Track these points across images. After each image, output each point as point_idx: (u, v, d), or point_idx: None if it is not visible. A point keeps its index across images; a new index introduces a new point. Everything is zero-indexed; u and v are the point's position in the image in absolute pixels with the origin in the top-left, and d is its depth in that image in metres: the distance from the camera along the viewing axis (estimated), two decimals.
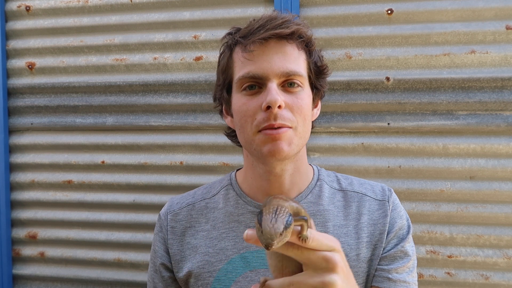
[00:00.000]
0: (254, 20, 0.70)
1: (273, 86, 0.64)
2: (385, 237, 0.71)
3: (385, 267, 0.70)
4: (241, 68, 0.67)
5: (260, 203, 0.74)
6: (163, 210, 0.80)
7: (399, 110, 1.15)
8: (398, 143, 1.15)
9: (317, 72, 0.73)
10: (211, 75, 1.23)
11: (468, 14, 1.11)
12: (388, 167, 1.15)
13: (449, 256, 1.13)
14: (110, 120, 1.31)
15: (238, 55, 0.69)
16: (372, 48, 1.15)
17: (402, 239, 0.72)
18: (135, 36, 1.27)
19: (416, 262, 0.73)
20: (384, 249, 0.71)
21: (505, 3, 1.09)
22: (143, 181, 1.28)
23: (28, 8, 1.33)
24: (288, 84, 0.66)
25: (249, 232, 0.45)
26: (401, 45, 1.14)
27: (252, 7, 1.21)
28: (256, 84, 0.66)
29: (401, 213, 0.75)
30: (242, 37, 0.68)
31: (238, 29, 0.72)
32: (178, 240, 0.75)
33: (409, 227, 0.74)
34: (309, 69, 0.71)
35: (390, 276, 0.69)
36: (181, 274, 0.74)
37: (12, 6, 1.34)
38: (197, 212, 0.77)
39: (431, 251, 1.14)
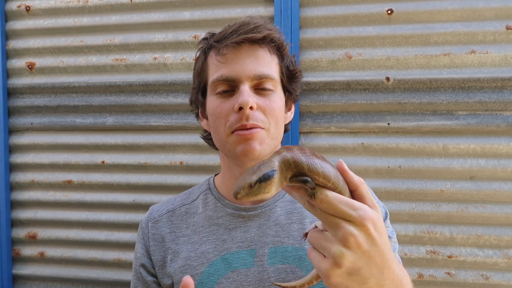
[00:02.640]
0: (228, 25, 0.72)
1: (245, 88, 0.66)
2: None
3: None
4: (215, 71, 0.69)
5: (238, 205, 0.74)
6: (144, 218, 0.80)
7: (399, 110, 1.15)
8: (398, 143, 1.15)
9: (289, 76, 0.75)
10: None
11: (468, 14, 1.11)
12: (388, 167, 1.15)
13: (449, 256, 1.13)
14: (110, 120, 1.31)
15: (212, 58, 0.71)
16: (372, 48, 1.15)
17: None
18: (135, 36, 1.27)
19: (397, 245, 0.73)
20: None
21: (505, 3, 1.09)
22: (143, 181, 1.28)
23: (28, 8, 1.33)
24: (260, 88, 0.68)
25: None
26: (401, 45, 1.14)
27: (252, 7, 1.21)
28: (229, 88, 0.68)
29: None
30: (216, 41, 0.70)
31: (213, 34, 0.74)
32: (160, 246, 0.75)
33: (386, 213, 0.75)
34: (281, 72, 0.73)
35: None
36: (165, 280, 0.73)
37: (12, 6, 1.34)
38: (177, 218, 0.77)
39: (431, 251, 1.14)
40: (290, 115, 0.80)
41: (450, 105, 1.12)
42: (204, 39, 0.75)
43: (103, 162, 1.31)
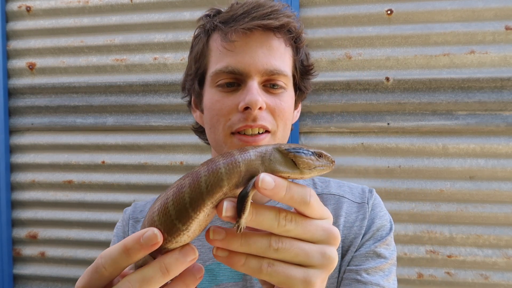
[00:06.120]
0: (237, 3, 0.60)
1: (254, 84, 0.56)
2: (360, 240, 0.64)
3: (354, 267, 0.61)
4: (219, 59, 0.59)
5: None
6: (127, 212, 0.74)
7: (399, 110, 1.15)
8: (398, 143, 1.15)
9: (302, 72, 0.65)
10: None
11: (468, 14, 1.11)
12: (388, 167, 1.16)
13: (449, 256, 1.13)
14: (110, 120, 1.31)
15: (216, 43, 0.60)
16: (372, 48, 1.15)
17: (378, 240, 0.64)
18: (135, 36, 1.28)
19: (394, 267, 0.64)
20: (357, 250, 0.63)
21: (505, 3, 1.09)
22: (143, 181, 1.28)
23: (28, 8, 1.33)
24: (270, 85, 0.59)
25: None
26: (401, 45, 1.14)
27: None
28: (235, 81, 0.58)
29: (381, 213, 0.68)
30: (223, 23, 0.59)
31: (218, 12, 0.62)
32: None
33: (390, 229, 0.66)
34: (295, 68, 0.63)
35: (358, 277, 0.60)
36: None
37: (13, 6, 1.35)
38: None
39: (431, 251, 1.14)
40: (297, 114, 0.71)
41: (450, 105, 1.12)
42: (207, 16, 0.64)
43: (103, 162, 1.31)
